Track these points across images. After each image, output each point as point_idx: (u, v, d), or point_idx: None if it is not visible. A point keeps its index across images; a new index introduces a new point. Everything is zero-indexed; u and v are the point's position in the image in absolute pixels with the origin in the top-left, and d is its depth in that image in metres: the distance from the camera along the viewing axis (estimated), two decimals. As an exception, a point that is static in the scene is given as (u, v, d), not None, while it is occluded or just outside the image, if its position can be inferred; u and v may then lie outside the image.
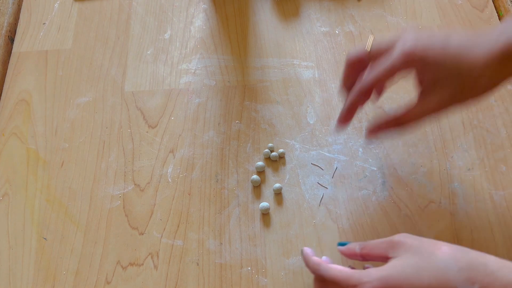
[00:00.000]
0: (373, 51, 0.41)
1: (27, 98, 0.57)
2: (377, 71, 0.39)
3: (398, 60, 0.38)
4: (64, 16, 0.63)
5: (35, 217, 0.50)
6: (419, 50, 0.37)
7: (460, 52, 0.37)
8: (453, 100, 0.38)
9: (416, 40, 0.38)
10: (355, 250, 0.38)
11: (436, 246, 0.33)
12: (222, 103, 0.55)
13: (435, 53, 0.37)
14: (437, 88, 0.38)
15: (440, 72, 0.37)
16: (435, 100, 0.38)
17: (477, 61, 0.36)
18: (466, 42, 0.37)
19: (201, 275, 0.46)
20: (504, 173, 0.49)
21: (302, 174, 0.50)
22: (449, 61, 0.37)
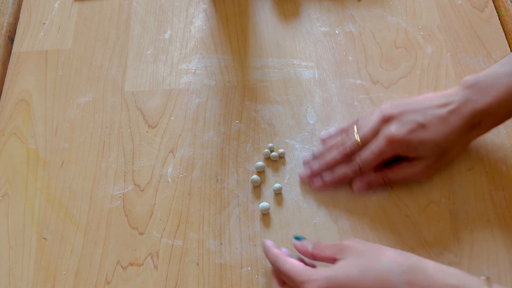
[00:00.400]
0: (362, 142, 0.46)
1: (27, 98, 0.57)
2: (367, 157, 0.45)
3: (385, 148, 0.44)
4: (64, 16, 0.63)
5: (35, 217, 0.50)
6: (401, 137, 0.43)
7: (436, 131, 0.43)
8: (436, 164, 0.45)
9: (397, 129, 0.43)
10: (307, 248, 0.41)
11: (381, 251, 0.36)
12: (222, 103, 0.55)
13: (417, 137, 0.43)
14: (423, 158, 0.45)
15: (422, 150, 0.44)
16: (420, 167, 0.45)
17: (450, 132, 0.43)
18: (439, 117, 0.43)
19: (201, 275, 0.46)
20: (504, 173, 0.49)
21: (302, 174, 0.50)
22: (430, 140, 0.43)
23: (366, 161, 0.46)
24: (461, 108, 0.43)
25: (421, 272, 0.33)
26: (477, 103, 0.42)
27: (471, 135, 0.44)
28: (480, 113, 0.42)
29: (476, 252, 0.45)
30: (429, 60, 0.56)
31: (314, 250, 0.41)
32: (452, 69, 0.55)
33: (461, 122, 0.43)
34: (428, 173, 0.46)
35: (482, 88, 0.42)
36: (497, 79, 0.42)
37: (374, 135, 0.45)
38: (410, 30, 0.58)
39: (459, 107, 0.43)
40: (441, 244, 0.46)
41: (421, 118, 0.43)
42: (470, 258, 0.45)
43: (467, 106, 0.42)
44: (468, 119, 0.42)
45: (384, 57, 0.57)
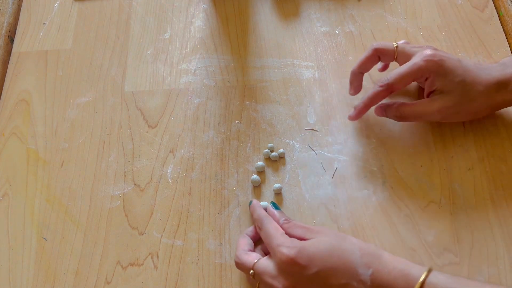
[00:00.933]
0: (399, 50, 0.48)
1: (27, 98, 0.57)
2: (400, 70, 0.46)
3: (419, 62, 0.45)
4: (64, 16, 0.63)
5: (35, 217, 0.50)
6: (437, 57, 0.45)
7: (469, 69, 0.45)
8: (454, 108, 0.46)
9: (435, 50, 0.46)
10: (279, 221, 0.45)
11: (347, 237, 0.40)
12: (222, 103, 0.55)
13: (450, 62, 0.45)
14: (446, 93, 0.45)
15: (451, 79, 0.45)
16: (438, 104, 0.46)
17: (480, 79, 0.45)
18: (473, 66, 0.46)
19: (201, 275, 0.46)
20: (505, 173, 0.49)
21: (302, 174, 0.50)
22: (460, 71, 0.45)
23: (396, 73, 0.46)
24: (491, 68, 0.46)
25: (378, 257, 0.38)
26: (506, 68, 0.45)
27: (497, 96, 0.46)
28: (507, 77, 0.45)
29: (476, 252, 0.45)
30: (429, 60, 0.56)
31: (285, 225, 0.44)
32: (452, 69, 0.55)
33: (489, 77, 0.45)
34: (445, 114, 0.46)
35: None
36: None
37: (412, 52, 0.47)
38: (410, 30, 0.58)
39: (491, 67, 0.46)
40: (441, 244, 0.46)
41: (458, 58, 0.46)
42: (470, 258, 0.45)
43: (497, 70, 0.46)
44: (496, 77, 0.45)
45: (384, 57, 0.57)
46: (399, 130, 0.52)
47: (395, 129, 0.52)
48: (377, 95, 0.48)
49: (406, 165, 0.50)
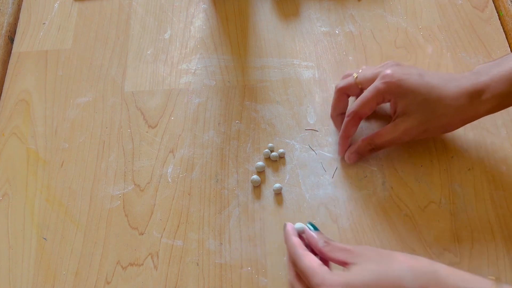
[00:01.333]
0: (359, 80, 0.47)
1: (27, 98, 0.57)
2: (363, 96, 0.45)
3: (378, 85, 0.44)
4: (64, 16, 0.63)
5: (35, 217, 0.50)
6: (396, 77, 0.43)
7: (432, 85, 0.43)
8: (421, 127, 0.44)
9: (394, 71, 0.44)
10: (318, 243, 0.40)
11: (392, 257, 0.35)
12: (222, 103, 0.55)
13: (410, 81, 0.43)
14: (408, 114, 0.44)
15: (412, 99, 0.43)
16: (402, 127, 0.44)
17: (447, 93, 0.42)
18: (438, 79, 0.44)
19: (201, 275, 0.46)
20: (504, 173, 0.49)
21: (302, 174, 0.50)
22: (422, 89, 0.43)
23: (359, 100, 0.45)
24: (461, 79, 0.43)
25: (433, 275, 0.33)
26: (481, 76, 0.43)
27: (470, 108, 0.43)
28: (480, 86, 0.42)
29: (476, 252, 0.45)
30: (429, 60, 0.56)
31: (325, 248, 0.39)
32: (452, 69, 0.55)
33: (459, 88, 0.42)
34: (412, 135, 0.45)
35: (490, 67, 0.43)
36: (505, 62, 0.42)
37: (373, 77, 0.46)
38: (410, 30, 0.58)
39: (459, 78, 0.43)
40: (441, 244, 0.46)
41: (421, 71, 0.44)
42: (470, 258, 0.45)
43: (469, 79, 0.43)
44: (466, 88, 0.42)
45: (384, 57, 0.57)
46: (399, 130, 0.52)
47: (395, 129, 0.52)
48: (348, 126, 0.47)
49: (406, 165, 0.50)
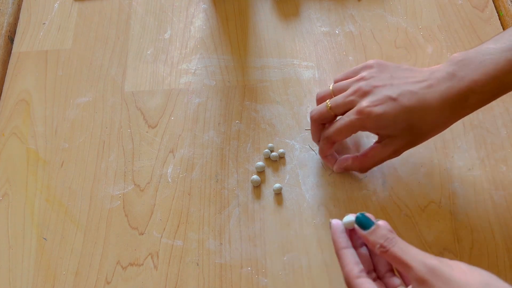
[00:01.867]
0: (332, 108, 0.45)
1: (27, 98, 0.57)
2: (337, 125, 0.44)
3: (353, 119, 0.42)
4: (64, 16, 0.63)
5: (35, 217, 0.50)
6: (372, 113, 0.41)
7: (411, 107, 0.40)
8: (410, 145, 0.43)
9: (368, 103, 0.41)
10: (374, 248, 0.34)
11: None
12: (222, 103, 0.55)
13: (386, 114, 0.40)
14: (394, 138, 0.42)
15: (393, 128, 0.41)
16: (391, 149, 0.43)
17: (429, 110, 0.40)
18: (414, 96, 0.40)
19: (201, 275, 0.46)
20: (505, 173, 0.49)
21: (302, 174, 0.50)
22: (402, 117, 0.40)
23: (334, 128, 0.44)
24: (439, 85, 0.40)
25: None
26: (463, 80, 0.39)
27: (453, 116, 0.41)
28: (466, 91, 0.39)
29: (476, 252, 0.45)
30: (429, 60, 0.56)
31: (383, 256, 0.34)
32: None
33: (440, 100, 0.40)
34: (401, 152, 0.44)
35: (470, 64, 0.39)
36: (487, 55, 0.39)
37: (347, 106, 0.43)
38: (410, 30, 0.58)
39: (437, 84, 0.40)
40: (441, 244, 0.46)
41: (396, 94, 0.41)
42: (470, 258, 0.45)
43: (450, 83, 0.39)
44: (449, 98, 0.39)
45: (384, 57, 0.57)
46: (399, 130, 0.52)
47: (395, 129, 0.52)
48: (324, 148, 0.47)
49: (406, 165, 0.50)
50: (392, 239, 0.34)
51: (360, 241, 0.38)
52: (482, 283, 0.30)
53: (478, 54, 0.40)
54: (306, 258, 0.46)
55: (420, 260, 0.32)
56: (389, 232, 0.35)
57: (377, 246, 0.34)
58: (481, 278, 0.30)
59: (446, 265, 0.31)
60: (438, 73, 0.41)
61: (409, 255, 0.33)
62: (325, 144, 0.46)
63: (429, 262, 0.32)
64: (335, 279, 0.45)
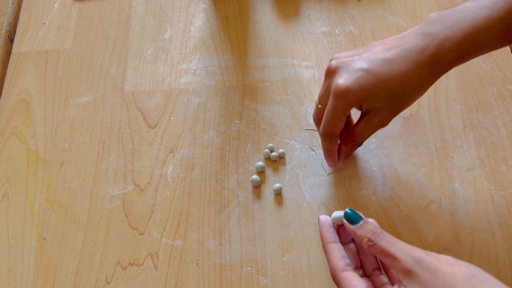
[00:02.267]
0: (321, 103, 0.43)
1: (27, 98, 0.57)
2: (325, 117, 0.42)
3: (334, 103, 0.40)
4: (64, 16, 0.63)
5: (35, 217, 0.50)
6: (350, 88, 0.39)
7: (386, 76, 0.38)
8: (393, 115, 0.41)
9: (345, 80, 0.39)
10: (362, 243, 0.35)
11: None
12: (222, 103, 0.55)
13: (365, 85, 0.38)
14: (376, 110, 0.40)
15: (375, 99, 0.39)
16: (378, 119, 0.41)
17: (405, 76, 0.38)
18: (388, 64, 0.38)
19: (201, 275, 0.46)
20: (505, 173, 0.49)
21: (302, 174, 0.50)
22: (380, 86, 0.38)
23: (328, 124, 0.42)
24: (413, 47, 0.38)
25: None
26: (437, 38, 0.37)
27: (433, 74, 0.39)
28: (442, 49, 0.37)
29: (476, 252, 0.45)
30: (429, 60, 0.56)
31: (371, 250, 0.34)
32: (452, 69, 0.55)
33: (415, 65, 0.38)
34: (387, 122, 0.42)
35: (445, 22, 0.38)
36: (463, 13, 0.37)
37: (327, 92, 0.42)
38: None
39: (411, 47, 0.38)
40: (441, 244, 0.46)
41: (367, 64, 0.39)
42: (470, 258, 0.45)
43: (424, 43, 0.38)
44: (424, 62, 0.38)
45: (384, 57, 0.57)
46: (399, 130, 0.52)
47: (395, 129, 0.52)
48: (329, 147, 0.45)
49: (406, 165, 0.50)
50: (380, 233, 0.34)
51: (349, 237, 0.38)
52: (468, 275, 0.30)
53: (454, 12, 0.38)
54: (306, 258, 0.46)
55: (406, 252, 0.32)
56: (376, 227, 0.35)
57: (365, 240, 0.34)
58: (467, 270, 0.30)
59: (432, 257, 0.32)
60: (410, 36, 0.39)
61: (396, 247, 0.33)
62: (326, 141, 0.44)
63: (416, 254, 0.32)
64: (335, 279, 0.45)
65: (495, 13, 0.36)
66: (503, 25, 0.36)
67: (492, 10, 0.36)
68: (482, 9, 0.37)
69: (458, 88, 0.54)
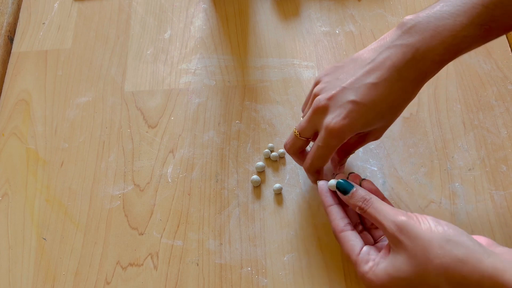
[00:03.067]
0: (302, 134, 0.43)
1: (26, 98, 0.57)
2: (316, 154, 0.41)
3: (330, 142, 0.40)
4: (63, 15, 0.63)
5: (34, 217, 0.50)
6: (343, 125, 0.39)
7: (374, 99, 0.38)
8: (386, 128, 0.42)
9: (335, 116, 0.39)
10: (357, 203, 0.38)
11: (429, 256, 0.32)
12: (222, 103, 0.55)
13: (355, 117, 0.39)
14: (370, 132, 0.42)
15: (368, 127, 0.40)
16: (372, 138, 0.43)
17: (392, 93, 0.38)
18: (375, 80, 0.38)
19: (201, 276, 0.46)
20: (505, 173, 0.49)
21: (303, 175, 0.50)
22: (372, 116, 0.39)
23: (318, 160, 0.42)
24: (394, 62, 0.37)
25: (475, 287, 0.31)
26: (419, 51, 0.37)
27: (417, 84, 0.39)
28: (424, 62, 0.37)
29: (476, 252, 0.45)
30: (429, 60, 0.56)
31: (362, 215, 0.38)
32: (452, 69, 0.55)
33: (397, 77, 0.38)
34: (381, 135, 0.43)
35: (424, 31, 0.37)
36: (441, 20, 0.36)
37: (313, 127, 0.42)
38: (410, 30, 0.58)
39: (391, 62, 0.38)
40: (441, 244, 0.46)
41: (354, 95, 0.39)
42: (470, 258, 0.45)
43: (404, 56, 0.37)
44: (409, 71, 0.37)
45: (384, 57, 0.57)
46: (399, 130, 0.52)
47: (395, 129, 0.52)
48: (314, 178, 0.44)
49: (406, 165, 0.50)
50: (369, 200, 0.38)
51: None
52: (444, 240, 0.32)
53: (431, 19, 0.37)
54: (306, 258, 0.46)
55: (390, 219, 0.35)
56: (366, 194, 0.38)
57: (356, 208, 0.38)
58: (443, 234, 0.32)
59: (414, 220, 0.34)
60: (390, 50, 0.38)
61: (381, 214, 0.36)
62: (313, 176, 0.44)
63: (399, 220, 0.34)
64: (335, 279, 0.45)
65: (475, 19, 0.36)
66: (482, 30, 0.36)
67: (469, 16, 0.36)
68: (460, 16, 0.36)
69: (458, 88, 0.54)
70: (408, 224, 0.34)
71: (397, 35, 0.38)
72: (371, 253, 0.36)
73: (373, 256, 0.36)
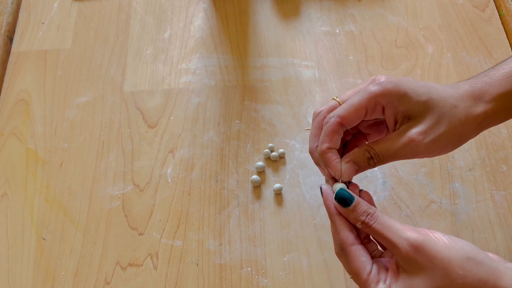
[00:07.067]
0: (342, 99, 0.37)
1: (26, 98, 0.57)
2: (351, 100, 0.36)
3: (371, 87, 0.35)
4: (63, 15, 0.63)
5: (34, 217, 0.50)
6: (391, 79, 0.35)
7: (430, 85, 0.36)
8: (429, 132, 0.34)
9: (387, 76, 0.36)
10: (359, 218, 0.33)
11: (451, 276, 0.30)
12: (222, 103, 0.55)
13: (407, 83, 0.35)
14: (413, 118, 0.35)
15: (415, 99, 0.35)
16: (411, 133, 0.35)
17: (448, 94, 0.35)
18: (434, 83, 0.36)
19: (201, 276, 0.46)
20: (505, 173, 0.49)
21: (303, 175, 0.50)
22: (422, 89, 0.35)
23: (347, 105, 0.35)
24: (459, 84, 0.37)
25: None
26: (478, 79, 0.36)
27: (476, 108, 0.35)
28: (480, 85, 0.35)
29: (477, 253, 0.45)
30: (429, 60, 0.56)
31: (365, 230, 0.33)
32: (453, 69, 0.55)
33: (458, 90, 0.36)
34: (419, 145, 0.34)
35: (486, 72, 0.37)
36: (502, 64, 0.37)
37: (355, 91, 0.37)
38: (410, 29, 0.58)
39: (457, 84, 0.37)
40: (441, 245, 0.46)
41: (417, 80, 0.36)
42: (471, 258, 0.45)
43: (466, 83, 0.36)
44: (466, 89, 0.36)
45: (385, 56, 0.56)
46: (400, 130, 0.52)
47: (395, 129, 0.52)
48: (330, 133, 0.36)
49: (406, 165, 0.50)
50: (373, 214, 0.33)
51: None
52: (463, 258, 0.30)
53: (494, 67, 0.37)
54: (306, 259, 0.46)
55: (402, 237, 0.32)
56: (369, 208, 0.34)
57: (359, 223, 0.33)
58: (462, 253, 0.31)
59: (430, 239, 0.32)
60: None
61: (391, 232, 0.32)
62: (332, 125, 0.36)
63: (412, 238, 0.31)
64: (335, 279, 0.45)
65: None
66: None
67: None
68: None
69: (459, 88, 0.54)
70: (424, 243, 0.31)
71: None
72: (380, 273, 0.33)
73: (383, 276, 0.33)
